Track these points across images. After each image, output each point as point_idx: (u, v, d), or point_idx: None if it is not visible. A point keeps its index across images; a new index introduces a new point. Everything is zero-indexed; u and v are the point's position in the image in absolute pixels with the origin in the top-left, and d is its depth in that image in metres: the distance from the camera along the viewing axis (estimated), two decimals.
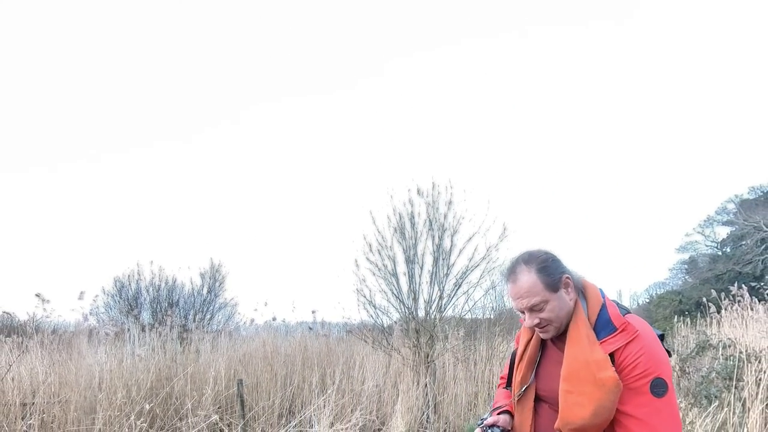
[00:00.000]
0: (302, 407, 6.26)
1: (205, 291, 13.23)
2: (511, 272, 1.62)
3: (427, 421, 6.61)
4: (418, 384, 6.69)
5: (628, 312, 1.56)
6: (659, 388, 1.40)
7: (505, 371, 1.87)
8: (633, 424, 1.40)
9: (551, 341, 1.66)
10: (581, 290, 1.62)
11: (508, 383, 1.81)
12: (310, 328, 8.02)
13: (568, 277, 1.57)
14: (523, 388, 1.66)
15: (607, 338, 1.47)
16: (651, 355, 1.43)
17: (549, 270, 1.56)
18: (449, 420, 6.73)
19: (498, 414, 1.76)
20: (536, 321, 1.56)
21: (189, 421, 5.27)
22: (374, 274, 7.25)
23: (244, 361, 6.59)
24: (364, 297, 7.25)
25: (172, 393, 5.50)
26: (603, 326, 1.50)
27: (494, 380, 7.67)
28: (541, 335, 1.63)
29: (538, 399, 1.65)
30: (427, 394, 6.69)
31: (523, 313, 1.61)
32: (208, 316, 13.09)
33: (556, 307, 1.54)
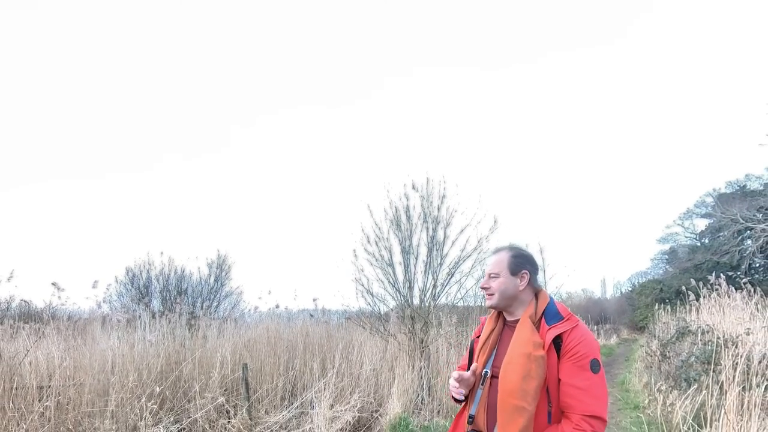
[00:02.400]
0: (304, 390, 6.24)
1: (212, 280, 13.21)
2: (497, 248, 1.97)
3: (421, 403, 6.63)
4: (413, 368, 6.77)
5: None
6: (595, 366, 1.64)
7: (464, 361, 2.06)
8: (579, 393, 1.62)
9: (508, 328, 1.88)
10: (536, 294, 1.87)
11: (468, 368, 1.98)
12: (311, 315, 8.00)
13: (525, 273, 1.85)
14: (488, 367, 1.85)
15: (557, 324, 1.71)
16: (589, 342, 1.67)
17: (517, 260, 1.86)
18: (442, 402, 6.72)
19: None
20: (487, 285, 1.86)
21: (197, 402, 5.30)
22: (372, 264, 7.35)
23: (249, 346, 6.54)
24: (362, 286, 7.33)
25: (180, 376, 5.49)
26: (552, 316, 1.75)
27: None
28: (486, 302, 1.90)
29: (493, 376, 1.82)
30: (421, 377, 6.74)
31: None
32: (215, 304, 13.11)
33: (503, 284, 1.82)
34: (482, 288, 1.91)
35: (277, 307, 7.76)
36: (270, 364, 6.27)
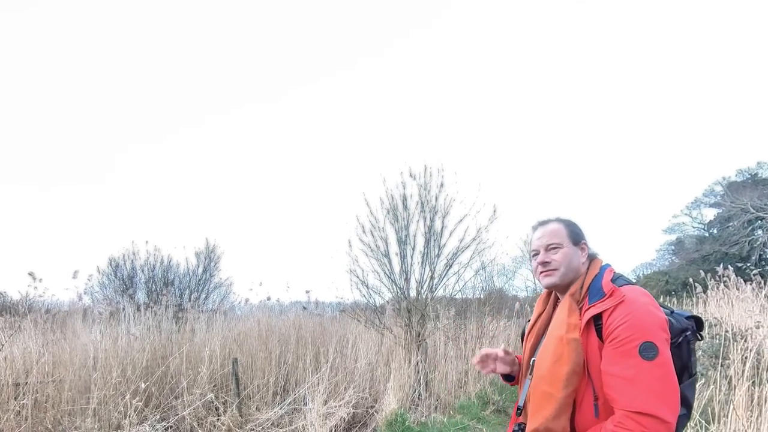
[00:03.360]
0: (296, 385, 6.20)
1: (200, 271, 12.92)
2: (543, 221, 1.79)
3: (418, 398, 6.55)
4: (409, 362, 6.67)
5: (630, 284, 1.57)
6: (649, 351, 1.39)
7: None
8: (622, 384, 1.40)
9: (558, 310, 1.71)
10: (588, 264, 1.71)
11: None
12: (304, 308, 7.92)
13: (585, 244, 1.71)
14: (533, 358, 1.73)
15: (596, 302, 1.52)
16: (638, 321, 1.43)
17: (575, 228, 1.73)
18: (440, 397, 6.70)
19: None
20: (547, 260, 1.68)
21: (184, 399, 5.24)
22: (367, 255, 7.18)
23: (239, 340, 6.51)
24: (357, 277, 7.15)
25: (167, 372, 5.44)
26: (594, 293, 1.56)
27: None
28: (544, 281, 1.72)
29: None
30: (418, 372, 6.65)
31: (536, 256, 1.74)
32: (204, 296, 12.79)
33: (568, 255, 1.67)
34: (541, 264, 1.72)
35: (269, 299, 7.71)
36: (261, 358, 6.22)
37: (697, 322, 1.57)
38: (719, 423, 5.11)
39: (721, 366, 5.33)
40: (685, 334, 1.51)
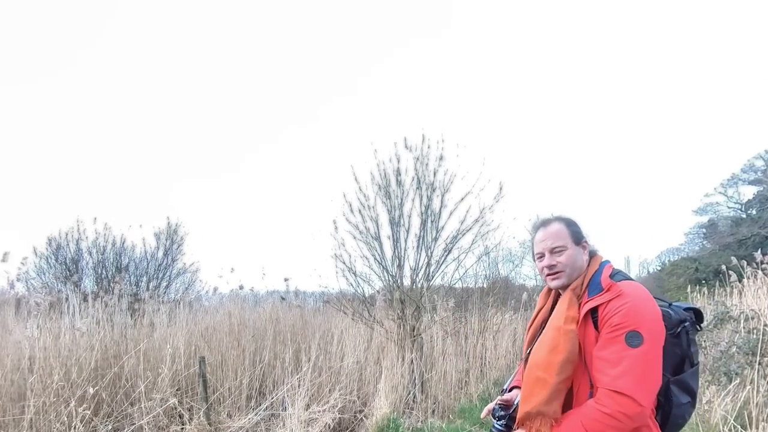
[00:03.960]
0: (274, 387, 6.08)
1: (160, 254, 12.41)
2: (544, 221, 1.97)
3: (413, 401, 6.50)
4: (403, 360, 6.62)
5: (628, 279, 1.77)
6: (634, 339, 1.58)
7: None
8: (606, 366, 1.60)
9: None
10: (589, 260, 1.90)
11: None
12: (283, 298, 7.74)
13: (586, 242, 1.90)
14: (530, 349, 1.91)
15: (595, 296, 1.71)
16: (631, 311, 1.62)
17: (575, 228, 1.91)
18: (438, 399, 6.64)
19: (510, 390, 2.08)
20: (553, 263, 1.86)
21: (142, 405, 5.01)
22: (355, 238, 7.10)
23: (207, 335, 6.33)
24: (344, 263, 7.08)
25: (121, 374, 5.18)
26: (593, 287, 1.76)
27: (487, 355, 7.73)
28: (552, 284, 1.90)
29: None
30: (413, 371, 6.63)
31: (540, 258, 1.92)
32: (165, 284, 12.40)
33: (572, 256, 1.85)
34: (547, 267, 1.89)
35: (241, 288, 7.48)
36: (233, 357, 6.06)
37: (697, 314, 1.80)
38: (757, 428, 4.96)
39: (759, 364, 5.19)
40: (684, 325, 1.72)
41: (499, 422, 1.92)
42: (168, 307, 6.76)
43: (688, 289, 8.53)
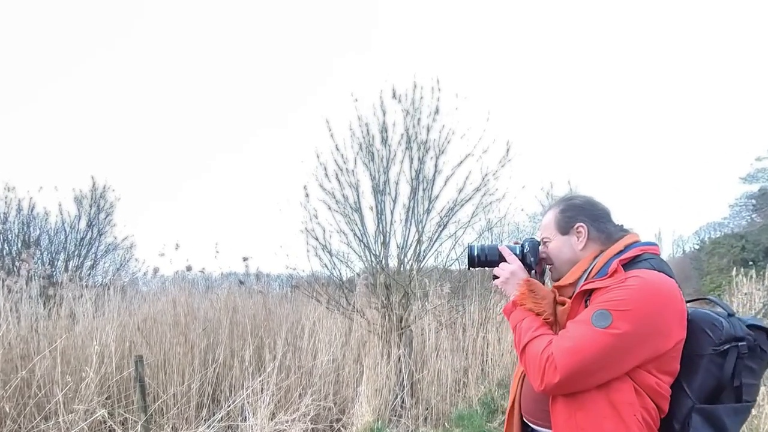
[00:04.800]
0: (231, 393, 6.02)
1: (82, 225, 11.91)
2: (545, 209, 2.14)
3: (401, 407, 6.43)
4: (389, 357, 6.51)
5: (659, 269, 1.72)
6: (600, 318, 1.61)
7: None
8: (561, 332, 1.72)
9: None
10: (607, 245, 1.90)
11: None
12: (241, 282, 7.69)
13: (581, 226, 1.91)
14: None
15: (596, 279, 1.76)
16: (624, 295, 1.63)
17: (567, 213, 1.96)
18: (431, 404, 6.56)
19: None
20: (544, 254, 2.00)
21: (60, 420, 4.98)
22: (330, 208, 6.95)
23: (145, 329, 6.25)
24: (316, 239, 6.92)
25: (31, 380, 5.07)
26: (600, 273, 1.79)
27: (489, 351, 7.63)
28: (552, 275, 2.04)
29: None
30: (400, 371, 6.54)
31: None
32: (89, 263, 12.00)
33: (556, 248, 1.95)
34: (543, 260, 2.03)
35: (189, 269, 7.37)
36: (179, 355, 5.97)
37: None
38: None
39: None
40: (737, 345, 1.60)
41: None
42: (94, 293, 6.61)
43: (733, 272, 8.43)
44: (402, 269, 6.93)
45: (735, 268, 8.87)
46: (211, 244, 7.41)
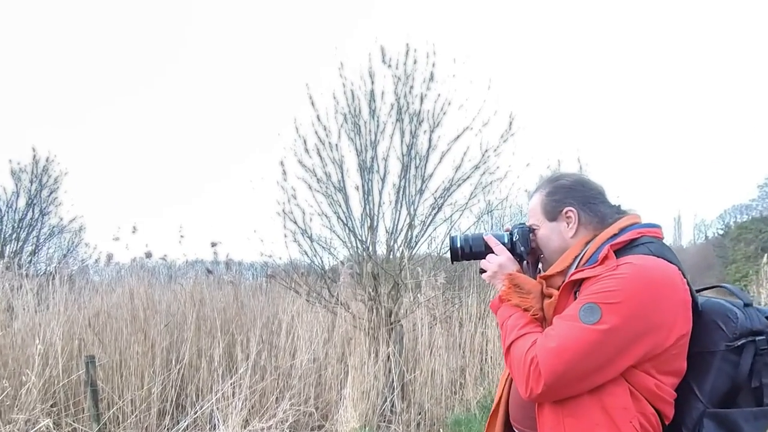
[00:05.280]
0: (198, 397, 5.96)
1: (21, 203, 11.75)
2: (531, 192, 2.11)
3: (391, 411, 6.38)
4: (377, 356, 6.45)
5: (658, 254, 1.66)
6: (589, 314, 1.54)
7: None
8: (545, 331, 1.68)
9: None
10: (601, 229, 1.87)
11: None
12: (210, 271, 7.67)
13: (570, 211, 1.86)
14: None
15: (584, 268, 1.69)
16: (615, 286, 1.57)
17: (554, 196, 1.91)
18: (424, 408, 6.49)
19: None
20: (534, 244, 1.96)
21: None
22: (311, 188, 6.84)
23: (98, 325, 6.16)
24: (295, 223, 6.81)
25: None
26: (590, 263, 1.73)
27: (489, 348, 7.62)
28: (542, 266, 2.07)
29: None
30: (390, 371, 6.49)
31: None
32: (30, 248, 11.83)
33: (544, 236, 1.91)
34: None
35: (149, 256, 7.36)
36: (137, 355, 5.90)
37: None
38: None
39: None
40: (754, 339, 1.55)
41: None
42: (36, 283, 6.56)
43: (763, 260, 8.33)
44: (391, 257, 6.91)
45: (766, 257, 8.80)
46: (174, 227, 7.45)
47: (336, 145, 6.77)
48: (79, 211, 11.93)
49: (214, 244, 7.57)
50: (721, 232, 35.08)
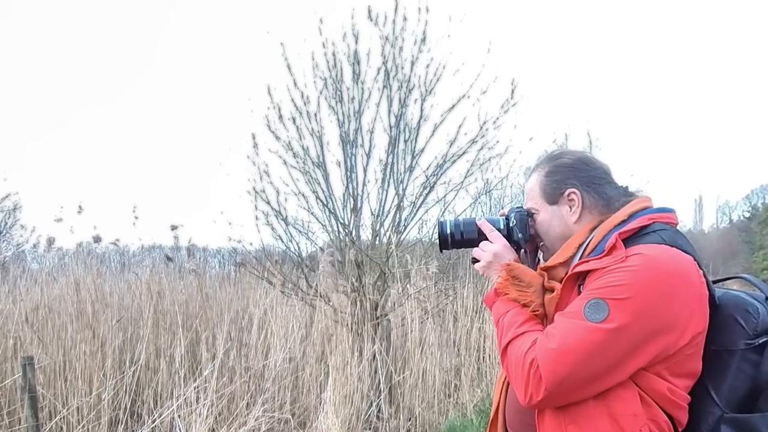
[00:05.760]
0: (157, 404, 5.84)
1: None
2: (528, 171, 2.11)
3: (377, 417, 6.39)
4: (361, 355, 6.44)
5: (662, 242, 1.61)
6: (595, 310, 1.50)
7: None
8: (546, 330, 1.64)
9: None
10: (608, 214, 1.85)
11: None
12: (170, 259, 7.59)
13: (573, 193, 1.81)
14: None
15: (589, 258, 1.64)
16: (621, 279, 1.53)
17: (555, 176, 1.86)
18: (415, 413, 6.49)
19: None
20: (533, 231, 1.92)
21: None
22: (286, 163, 6.79)
23: (37, 321, 6.02)
24: (268, 203, 6.78)
25: None
26: (596, 250, 1.69)
27: (487, 346, 7.64)
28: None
29: None
30: (376, 372, 6.48)
31: None
32: None
33: (545, 222, 1.86)
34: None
35: (97, 240, 7.21)
36: (84, 356, 5.74)
37: None
38: None
39: None
40: None
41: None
42: None
43: None
44: (377, 242, 6.95)
45: None
46: (127, 208, 7.09)
47: (315, 114, 6.68)
48: (13, 187, 11.71)
49: (174, 227, 7.46)
50: (747, 214, 35.51)
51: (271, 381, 6.22)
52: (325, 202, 6.80)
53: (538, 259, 1.97)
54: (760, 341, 1.51)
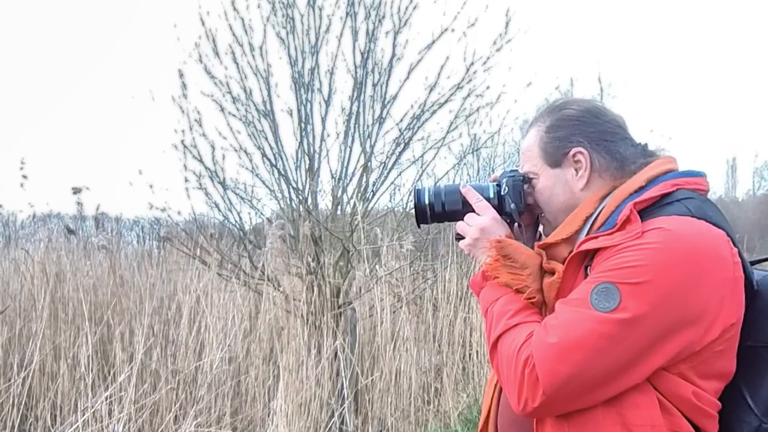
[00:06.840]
0: (56, 419, 5.71)
1: None
2: (526, 126, 2.12)
3: (340, 430, 6.27)
4: (320, 353, 6.31)
5: (688, 214, 1.59)
6: (605, 297, 1.50)
7: None
8: (549, 318, 1.64)
9: None
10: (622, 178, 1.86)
11: None
12: (71, 231, 7.43)
13: (579, 152, 1.81)
14: None
15: (599, 234, 1.65)
16: (637, 260, 1.51)
17: (557, 132, 1.85)
18: (386, 424, 6.49)
19: None
20: (530, 201, 1.93)
21: None
22: (223, 110, 6.49)
23: None
24: (201, 162, 6.51)
25: None
26: (608, 224, 1.70)
27: (474, 340, 7.84)
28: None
29: None
30: (339, 374, 6.36)
31: None
32: None
33: (545, 189, 1.86)
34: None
35: None
36: None
37: None
38: None
39: None
40: None
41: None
42: None
43: None
44: (339, 213, 6.79)
45: None
46: (13, 164, 6.79)
47: (260, 48, 6.38)
48: None
49: (77, 191, 7.00)
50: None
51: (206, 387, 6.03)
52: (273, 162, 6.56)
53: (539, 234, 1.97)
54: None
